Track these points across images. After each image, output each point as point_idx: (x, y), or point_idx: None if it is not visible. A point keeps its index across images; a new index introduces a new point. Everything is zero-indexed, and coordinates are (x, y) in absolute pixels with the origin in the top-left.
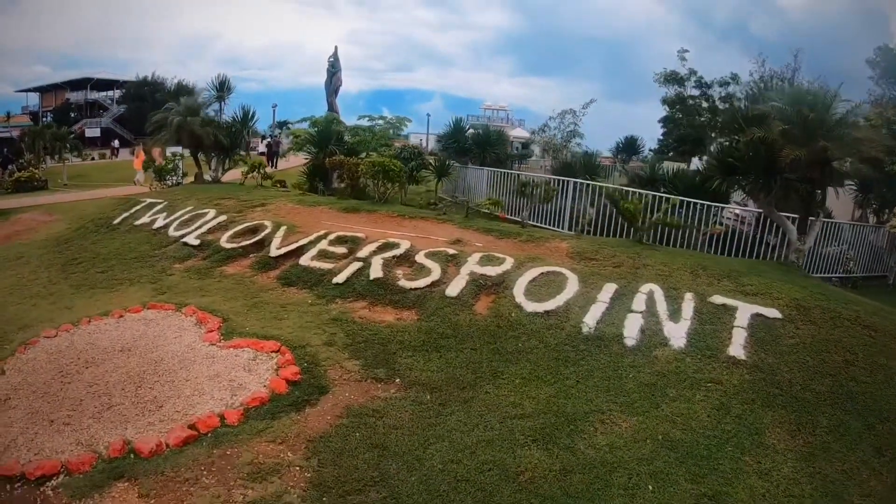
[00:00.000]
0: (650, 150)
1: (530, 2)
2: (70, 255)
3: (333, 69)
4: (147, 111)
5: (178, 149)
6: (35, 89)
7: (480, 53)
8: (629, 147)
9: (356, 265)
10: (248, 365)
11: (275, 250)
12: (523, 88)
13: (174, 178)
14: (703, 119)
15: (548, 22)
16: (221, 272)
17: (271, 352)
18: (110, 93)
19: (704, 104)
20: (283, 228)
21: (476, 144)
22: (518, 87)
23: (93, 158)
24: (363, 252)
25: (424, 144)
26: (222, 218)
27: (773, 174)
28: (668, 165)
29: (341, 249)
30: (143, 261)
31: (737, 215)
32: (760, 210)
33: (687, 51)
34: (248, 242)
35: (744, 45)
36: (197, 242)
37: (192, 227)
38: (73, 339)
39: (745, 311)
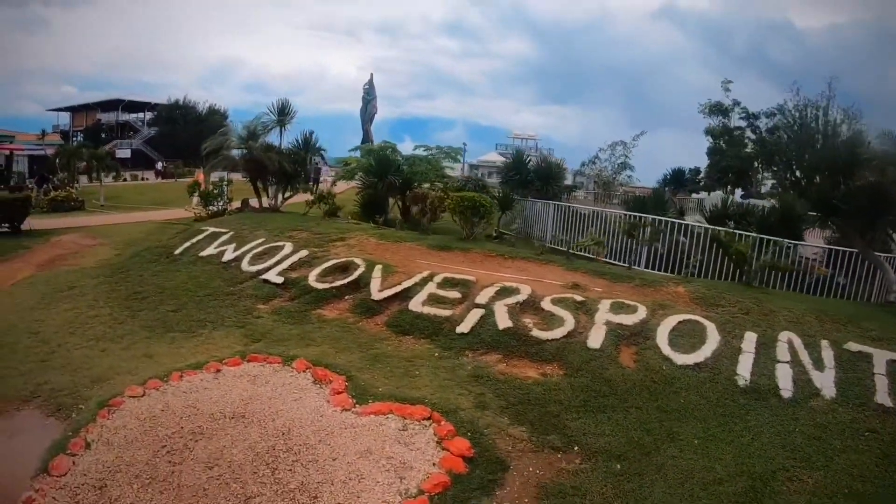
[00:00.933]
0: (698, 180)
1: (550, 31)
2: (131, 287)
3: (369, 97)
4: (178, 134)
5: (224, 174)
6: (66, 109)
7: (501, 82)
8: (677, 179)
9: (478, 312)
10: (401, 437)
11: (377, 293)
12: (544, 117)
13: (220, 203)
14: (748, 150)
15: (567, 50)
16: (319, 316)
17: (422, 419)
18: (140, 115)
19: (751, 135)
20: (378, 268)
21: (538, 177)
22: (538, 115)
23: (125, 179)
24: (481, 297)
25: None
26: (303, 253)
27: (878, 216)
28: (715, 197)
29: (453, 294)
30: (219, 299)
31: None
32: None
33: (731, 81)
34: (341, 282)
35: (763, 72)
36: (280, 280)
37: (270, 262)
38: (167, 399)
39: (880, 358)
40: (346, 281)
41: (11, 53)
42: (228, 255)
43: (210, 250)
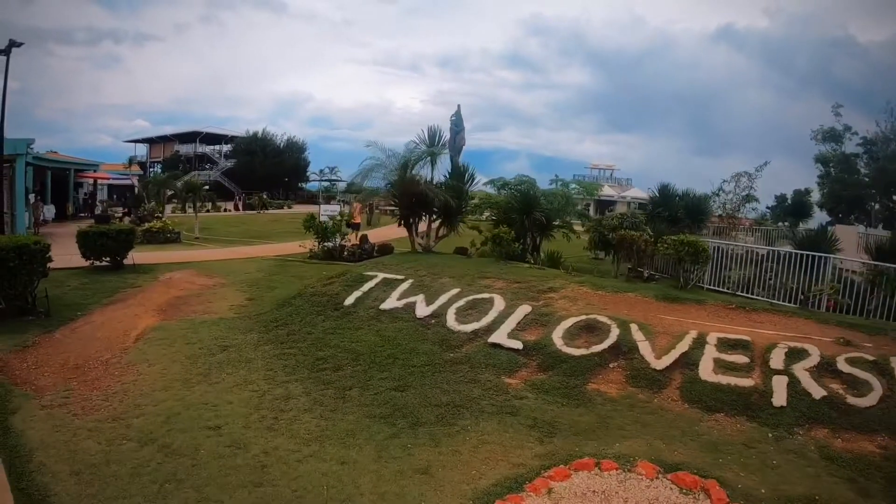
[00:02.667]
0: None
1: (610, 59)
2: (305, 349)
3: (457, 128)
4: (257, 165)
5: (337, 207)
6: (143, 140)
7: (564, 112)
8: (798, 209)
9: (781, 380)
10: None
11: (655, 360)
12: (608, 146)
13: (336, 239)
14: (863, 177)
15: (628, 78)
16: (597, 392)
17: None
18: (218, 146)
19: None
20: (633, 328)
21: (688, 213)
22: (602, 144)
23: (207, 210)
24: (774, 361)
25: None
26: (525, 309)
27: None
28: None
29: (740, 357)
30: (446, 370)
31: None
32: None
33: (841, 106)
34: (600, 347)
35: (827, 91)
36: (517, 345)
37: (487, 320)
38: None
39: None
40: (605, 346)
41: (86, 88)
42: (422, 310)
43: (393, 302)
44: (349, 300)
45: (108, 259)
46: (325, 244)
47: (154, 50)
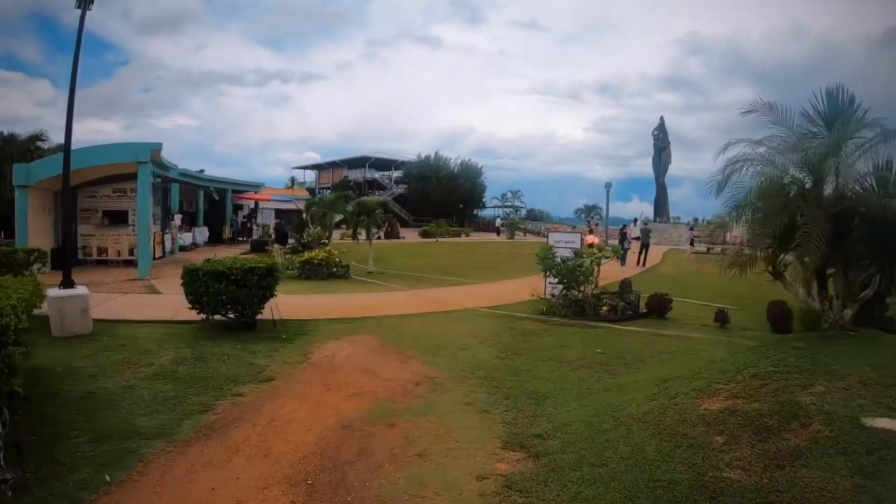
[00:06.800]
0: None
1: (774, 74)
2: None
3: (662, 144)
4: (430, 191)
5: (577, 237)
6: (312, 167)
7: (728, 134)
8: None
9: None
10: None
11: None
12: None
13: (588, 286)
14: None
15: (794, 93)
16: None
17: None
18: (388, 172)
19: None
20: None
21: None
22: None
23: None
24: None
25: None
26: None
27: None
28: None
29: None
30: None
31: None
32: None
33: None
34: None
35: None
36: None
37: None
38: None
39: None
40: None
41: (259, 125)
42: None
43: None
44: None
45: (233, 313)
46: (572, 293)
47: (319, 87)
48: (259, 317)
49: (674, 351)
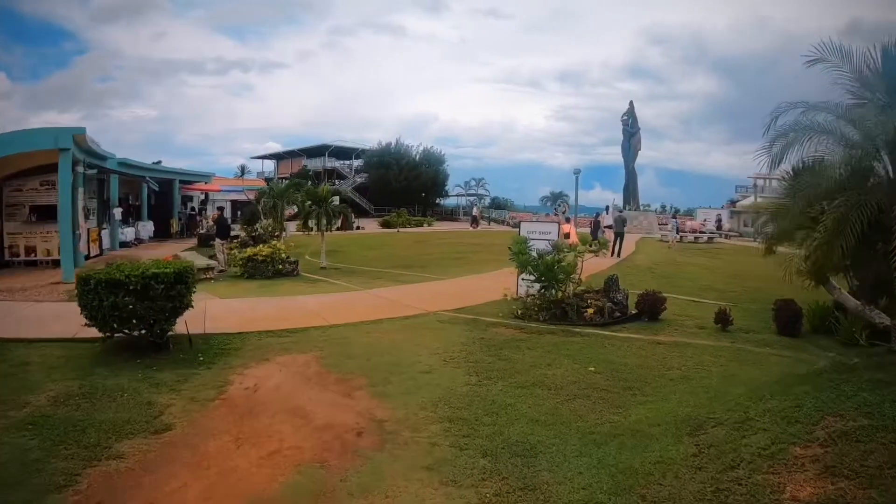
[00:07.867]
0: None
1: (736, 66)
2: None
3: (631, 129)
4: (391, 179)
5: (553, 228)
6: (271, 156)
7: (690, 123)
8: None
9: None
10: None
11: None
12: (737, 157)
13: (568, 286)
14: None
15: (756, 84)
16: None
17: None
18: (348, 161)
19: None
20: None
21: None
22: (731, 155)
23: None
24: None
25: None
26: None
27: None
28: None
29: None
30: None
31: None
32: None
33: None
34: None
35: None
36: None
37: None
38: None
39: None
40: None
41: (221, 114)
42: None
43: None
44: None
45: (139, 329)
46: (548, 292)
47: (281, 76)
48: (182, 330)
49: (682, 367)
